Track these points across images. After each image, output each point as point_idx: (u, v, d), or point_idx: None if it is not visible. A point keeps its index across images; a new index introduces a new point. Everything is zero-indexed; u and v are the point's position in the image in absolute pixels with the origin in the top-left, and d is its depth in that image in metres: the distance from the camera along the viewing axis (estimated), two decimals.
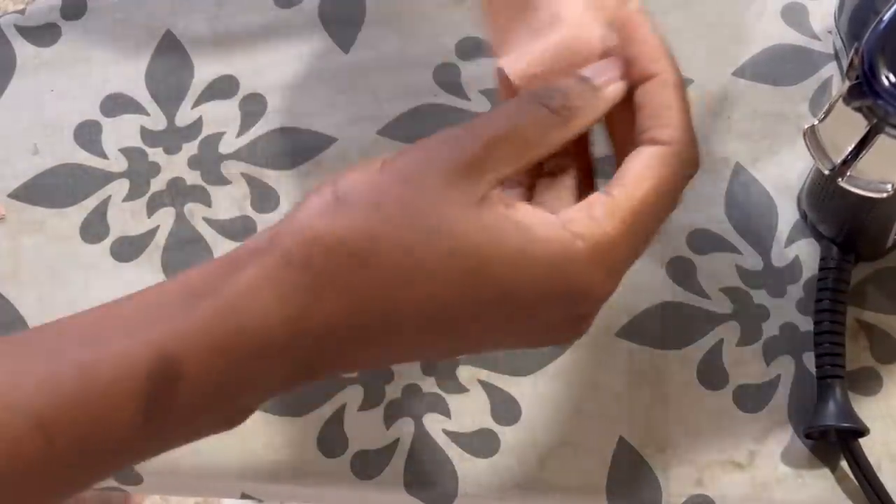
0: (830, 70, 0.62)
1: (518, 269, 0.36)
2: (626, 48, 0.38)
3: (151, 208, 0.62)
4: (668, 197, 0.37)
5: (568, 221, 0.36)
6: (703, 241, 0.60)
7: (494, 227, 0.36)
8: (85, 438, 0.36)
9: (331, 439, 0.57)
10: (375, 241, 0.36)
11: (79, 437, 0.36)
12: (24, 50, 0.66)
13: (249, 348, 0.36)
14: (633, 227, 0.37)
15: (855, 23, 0.59)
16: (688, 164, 0.37)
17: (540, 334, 0.39)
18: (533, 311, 0.37)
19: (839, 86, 0.60)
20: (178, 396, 0.36)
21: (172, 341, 0.36)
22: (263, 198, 0.62)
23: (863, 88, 0.45)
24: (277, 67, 0.65)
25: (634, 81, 0.38)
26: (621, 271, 0.38)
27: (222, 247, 0.61)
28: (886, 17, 0.46)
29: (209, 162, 0.63)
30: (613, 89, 0.38)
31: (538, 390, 0.58)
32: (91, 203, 0.63)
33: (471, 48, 0.64)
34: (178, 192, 0.63)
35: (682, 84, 0.38)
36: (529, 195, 0.40)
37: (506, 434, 0.57)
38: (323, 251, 0.36)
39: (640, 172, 0.37)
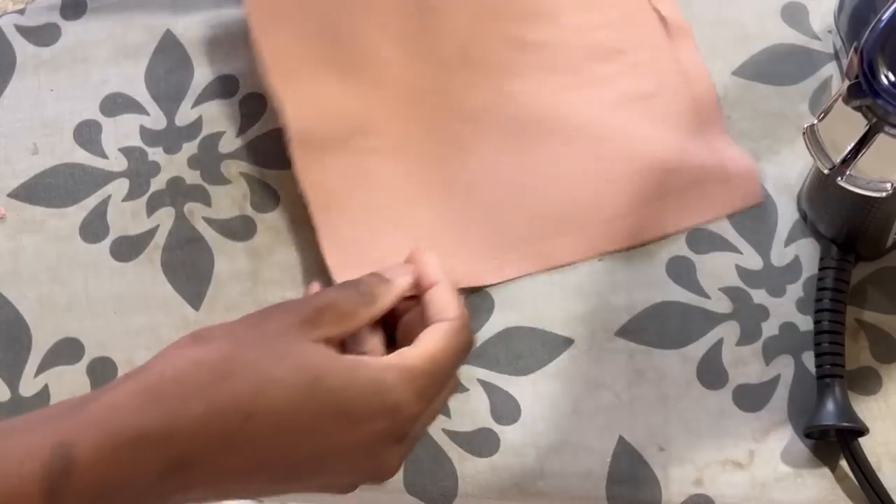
0: (830, 70, 0.62)
1: (348, 384, 0.46)
2: (417, 269, 0.52)
3: (151, 208, 0.62)
4: (454, 352, 0.50)
5: (385, 360, 0.48)
6: (703, 240, 0.60)
7: (328, 354, 0.47)
8: None
9: None
10: (233, 361, 0.45)
11: None
12: (24, 50, 0.66)
13: (129, 438, 0.43)
14: (432, 367, 0.48)
15: (855, 22, 0.59)
16: (465, 335, 0.50)
17: (372, 449, 0.47)
18: (363, 420, 0.46)
19: (839, 85, 0.60)
20: (74, 480, 0.43)
21: (68, 432, 0.43)
22: (263, 197, 0.62)
23: (862, 88, 0.45)
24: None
25: (424, 288, 0.51)
26: (427, 397, 0.48)
27: (222, 246, 0.61)
28: (885, 16, 0.46)
29: (209, 161, 0.63)
30: (401, 282, 0.51)
31: (538, 390, 0.58)
32: (91, 202, 0.63)
33: None
34: (177, 192, 0.63)
35: (455, 288, 0.52)
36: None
37: (506, 434, 0.57)
38: (190, 367, 0.45)
39: (431, 334, 0.49)
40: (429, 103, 0.63)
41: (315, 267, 0.61)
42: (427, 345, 0.49)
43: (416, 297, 0.52)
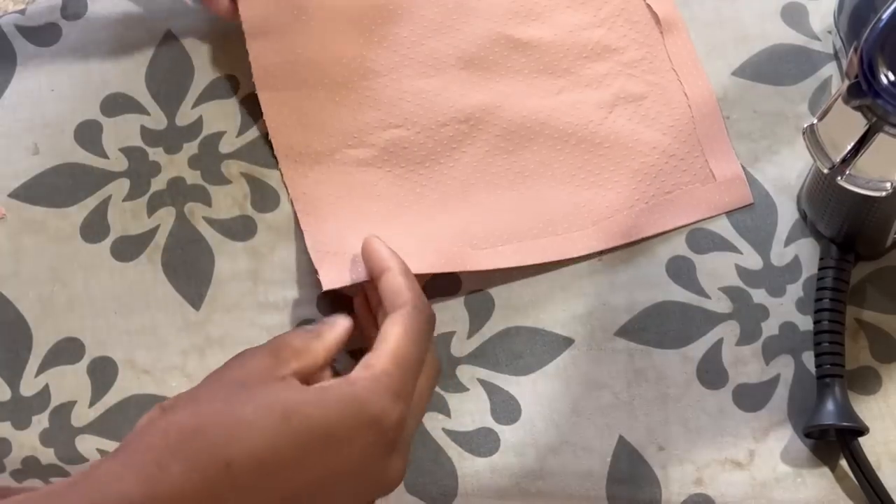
0: (830, 70, 0.62)
1: (321, 409, 0.47)
2: (367, 261, 0.55)
3: (152, 208, 0.62)
4: (416, 336, 0.50)
5: (352, 376, 0.49)
6: (703, 240, 0.60)
7: (294, 386, 0.48)
8: None
9: None
10: (200, 416, 0.46)
11: None
12: (24, 50, 0.66)
13: None
14: (399, 362, 0.49)
15: (854, 22, 0.59)
16: (423, 315, 0.51)
17: (365, 465, 0.47)
18: (346, 440, 0.46)
19: (839, 85, 0.60)
20: None
21: None
22: (263, 197, 0.62)
23: (862, 87, 0.45)
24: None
25: (377, 276, 0.53)
26: (406, 395, 0.49)
27: (222, 246, 0.61)
28: (885, 15, 0.46)
29: (209, 161, 0.63)
30: (342, 324, 0.53)
31: (538, 390, 0.58)
32: (91, 202, 0.63)
33: None
34: (178, 192, 0.63)
35: (408, 270, 0.54)
36: None
37: (506, 433, 0.57)
38: (159, 434, 0.45)
39: (388, 327, 0.51)
40: (420, 105, 0.63)
41: (315, 267, 0.61)
42: (388, 341, 0.50)
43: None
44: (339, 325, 0.53)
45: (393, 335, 0.50)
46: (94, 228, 0.62)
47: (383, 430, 0.47)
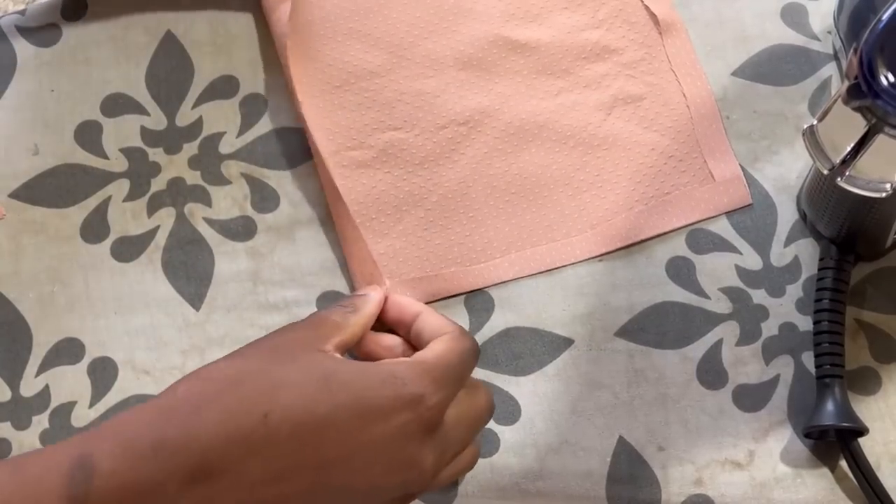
0: (830, 70, 0.62)
1: (361, 378, 0.47)
2: (390, 312, 0.56)
3: (152, 208, 0.62)
4: (462, 352, 0.51)
5: (394, 359, 0.51)
6: (703, 240, 0.60)
7: (335, 358, 0.49)
8: None
9: None
10: (242, 371, 0.46)
11: None
12: (24, 50, 0.66)
13: (147, 446, 0.43)
14: (444, 360, 0.50)
15: (854, 23, 0.59)
16: (470, 339, 0.52)
17: (400, 445, 0.47)
18: (382, 414, 0.46)
19: (838, 86, 0.60)
20: (95, 489, 0.43)
21: (86, 444, 0.44)
22: (263, 198, 0.62)
23: (861, 88, 0.45)
24: (277, 68, 0.65)
25: (410, 322, 0.54)
26: (446, 386, 0.49)
27: (222, 247, 0.62)
28: (885, 16, 0.46)
29: (209, 162, 0.63)
30: (374, 293, 0.55)
31: (538, 390, 0.58)
32: (91, 203, 0.63)
33: None
34: (178, 192, 0.63)
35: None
36: None
37: (505, 434, 0.57)
38: (199, 383, 0.46)
39: (440, 341, 0.51)
40: (419, 107, 0.63)
41: (315, 267, 0.61)
42: (434, 346, 0.51)
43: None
44: (374, 298, 0.54)
45: (441, 344, 0.51)
46: (94, 229, 0.62)
47: (421, 413, 0.47)
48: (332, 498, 0.46)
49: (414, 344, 0.54)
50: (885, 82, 0.45)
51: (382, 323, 0.56)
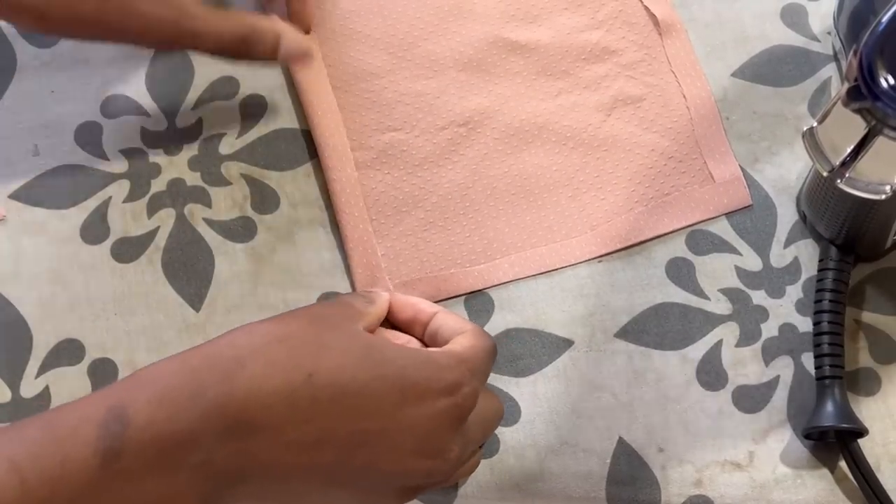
0: (829, 71, 0.62)
1: (405, 356, 0.47)
2: (401, 312, 0.55)
3: (152, 209, 0.62)
4: (484, 348, 0.52)
5: (429, 348, 0.52)
6: (703, 241, 0.60)
7: (381, 335, 0.51)
8: (53, 479, 0.41)
9: None
10: (286, 328, 0.46)
11: (48, 477, 0.41)
12: (24, 51, 0.66)
13: (185, 394, 0.42)
14: (473, 354, 0.50)
15: (854, 24, 0.59)
16: (488, 336, 0.53)
17: (432, 432, 0.47)
18: (420, 396, 0.46)
19: (838, 87, 0.60)
20: (129, 439, 0.42)
21: (120, 395, 0.43)
22: (263, 199, 0.62)
23: (861, 90, 0.46)
24: (277, 68, 0.65)
25: (426, 321, 0.54)
26: (477, 378, 0.50)
27: (222, 247, 0.62)
28: (885, 18, 0.46)
29: (209, 163, 0.63)
30: (385, 296, 0.55)
31: (538, 391, 0.58)
32: (91, 204, 0.63)
33: None
34: (178, 193, 0.63)
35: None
36: None
37: (505, 434, 0.57)
38: (243, 334, 0.45)
39: (462, 338, 0.52)
40: (419, 108, 0.63)
41: (315, 268, 0.61)
42: (462, 340, 0.51)
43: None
44: (385, 296, 0.55)
45: (465, 339, 0.51)
46: (94, 230, 0.62)
47: (456, 401, 0.47)
48: (352, 478, 0.46)
49: (428, 343, 0.54)
50: (884, 84, 0.45)
51: (391, 324, 0.56)
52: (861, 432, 0.54)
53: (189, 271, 0.61)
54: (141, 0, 0.55)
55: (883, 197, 0.48)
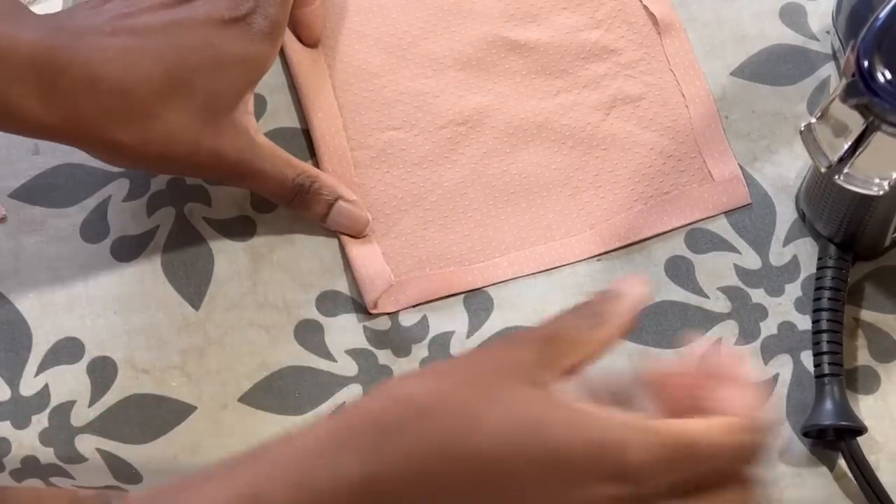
0: (828, 70, 0.63)
1: (569, 436, 0.39)
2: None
3: (151, 208, 0.62)
4: (722, 445, 0.40)
5: (625, 416, 0.40)
6: (702, 240, 0.60)
7: (549, 401, 0.40)
8: None
9: None
10: (440, 397, 0.40)
11: None
12: None
13: (323, 484, 0.39)
14: (686, 441, 0.39)
15: (853, 23, 0.59)
16: (748, 435, 0.40)
17: None
18: (581, 481, 0.39)
19: (837, 85, 0.60)
20: None
21: (254, 481, 0.39)
22: (263, 198, 0.62)
23: (859, 86, 0.46)
24: (277, 68, 0.65)
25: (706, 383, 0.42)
26: (675, 473, 0.39)
27: (222, 246, 0.61)
28: (882, 14, 0.46)
29: None
30: (632, 296, 0.43)
31: None
32: (91, 203, 0.63)
33: None
34: (177, 192, 0.63)
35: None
36: None
37: None
38: (391, 404, 0.40)
39: (713, 420, 0.40)
40: (418, 107, 0.63)
41: (315, 267, 0.61)
42: (696, 422, 0.40)
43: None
44: (629, 298, 0.43)
45: (705, 424, 0.40)
46: (93, 228, 0.62)
47: (627, 491, 0.39)
48: None
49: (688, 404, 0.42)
50: (882, 80, 0.45)
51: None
52: (860, 430, 0.54)
53: (188, 270, 0.61)
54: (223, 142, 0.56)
55: (881, 193, 0.48)
